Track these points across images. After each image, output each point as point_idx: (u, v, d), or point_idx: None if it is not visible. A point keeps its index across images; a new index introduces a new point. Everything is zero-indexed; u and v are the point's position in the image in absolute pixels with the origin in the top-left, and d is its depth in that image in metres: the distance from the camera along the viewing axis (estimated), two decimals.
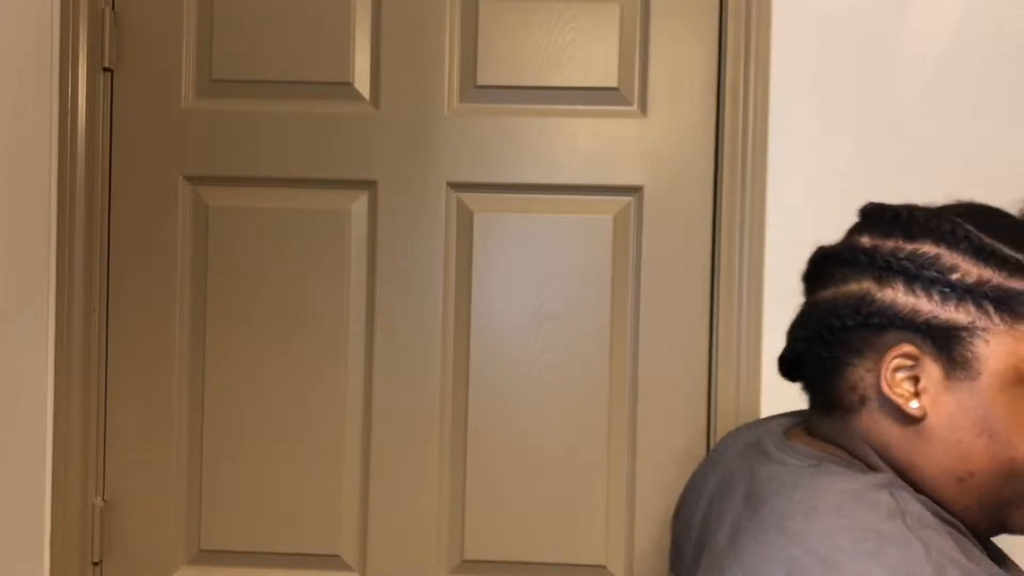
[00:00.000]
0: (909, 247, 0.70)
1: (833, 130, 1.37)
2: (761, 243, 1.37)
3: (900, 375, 0.68)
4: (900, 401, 0.68)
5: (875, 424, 0.70)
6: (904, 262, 0.69)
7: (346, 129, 1.45)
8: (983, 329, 0.67)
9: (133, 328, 1.47)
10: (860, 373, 0.71)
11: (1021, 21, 1.34)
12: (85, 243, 1.44)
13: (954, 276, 0.67)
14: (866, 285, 0.71)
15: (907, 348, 0.67)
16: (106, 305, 1.47)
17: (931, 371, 0.68)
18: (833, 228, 1.41)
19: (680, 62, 1.42)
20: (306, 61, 1.45)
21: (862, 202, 1.37)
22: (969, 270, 0.67)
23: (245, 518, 1.47)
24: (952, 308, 0.67)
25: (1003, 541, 1.21)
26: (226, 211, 1.47)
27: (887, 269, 0.69)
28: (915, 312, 0.68)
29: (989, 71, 1.35)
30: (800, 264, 0.83)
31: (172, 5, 1.46)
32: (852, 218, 1.39)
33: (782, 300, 1.37)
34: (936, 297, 0.67)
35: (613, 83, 1.43)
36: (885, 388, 0.68)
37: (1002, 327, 0.66)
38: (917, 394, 0.68)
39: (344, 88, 1.45)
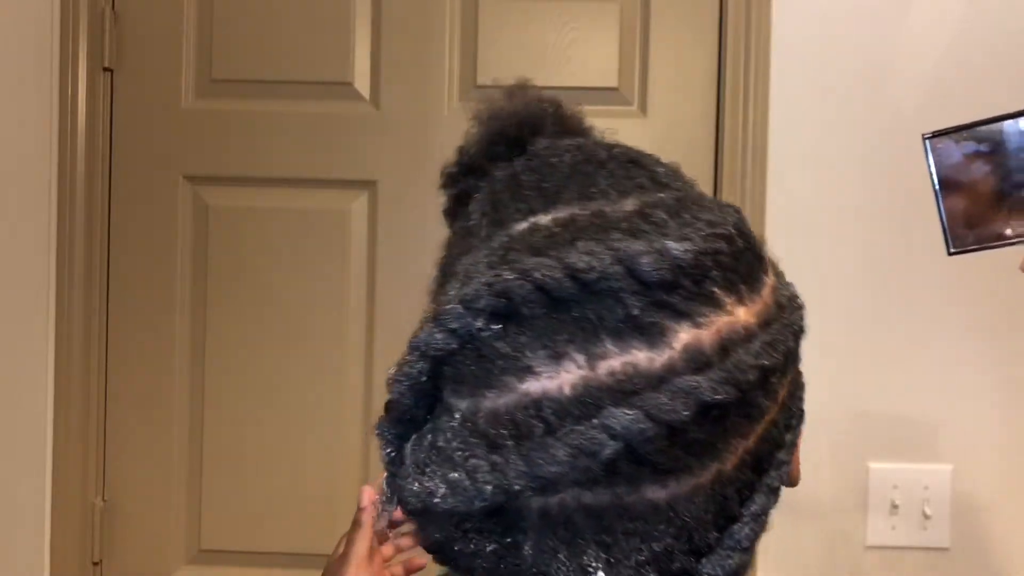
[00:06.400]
0: None
1: (833, 130, 1.36)
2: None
3: None
4: None
5: None
6: None
7: (346, 129, 1.45)
8: None
9: (133, 328, 1.47)
10: None
11: (1021, 20, 1.34)
12: (85, 243, 1.44)
13: None
14: None
15: None
16: (106, 305, 1.47)
17: None
18: (832, 228, 1.41)
19: (680, 62, 1.42)
20: (306, 61, 1.45)
21: (862, 203, 1.37)
22: None
23: (245, 518, 1.46)
24: None
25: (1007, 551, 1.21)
26: (226, 211, 1.46)
27: None
28: None
29: (989, 70, 1.35)
30: (799, 264, 0.82)
31: (172, 5, 1.46)
32: (851, 218, 1.39)
33: None
34: None
35: (613, 83, 1.43)
36: None
37: None
38: None
39: (344, 88, 1.45)
